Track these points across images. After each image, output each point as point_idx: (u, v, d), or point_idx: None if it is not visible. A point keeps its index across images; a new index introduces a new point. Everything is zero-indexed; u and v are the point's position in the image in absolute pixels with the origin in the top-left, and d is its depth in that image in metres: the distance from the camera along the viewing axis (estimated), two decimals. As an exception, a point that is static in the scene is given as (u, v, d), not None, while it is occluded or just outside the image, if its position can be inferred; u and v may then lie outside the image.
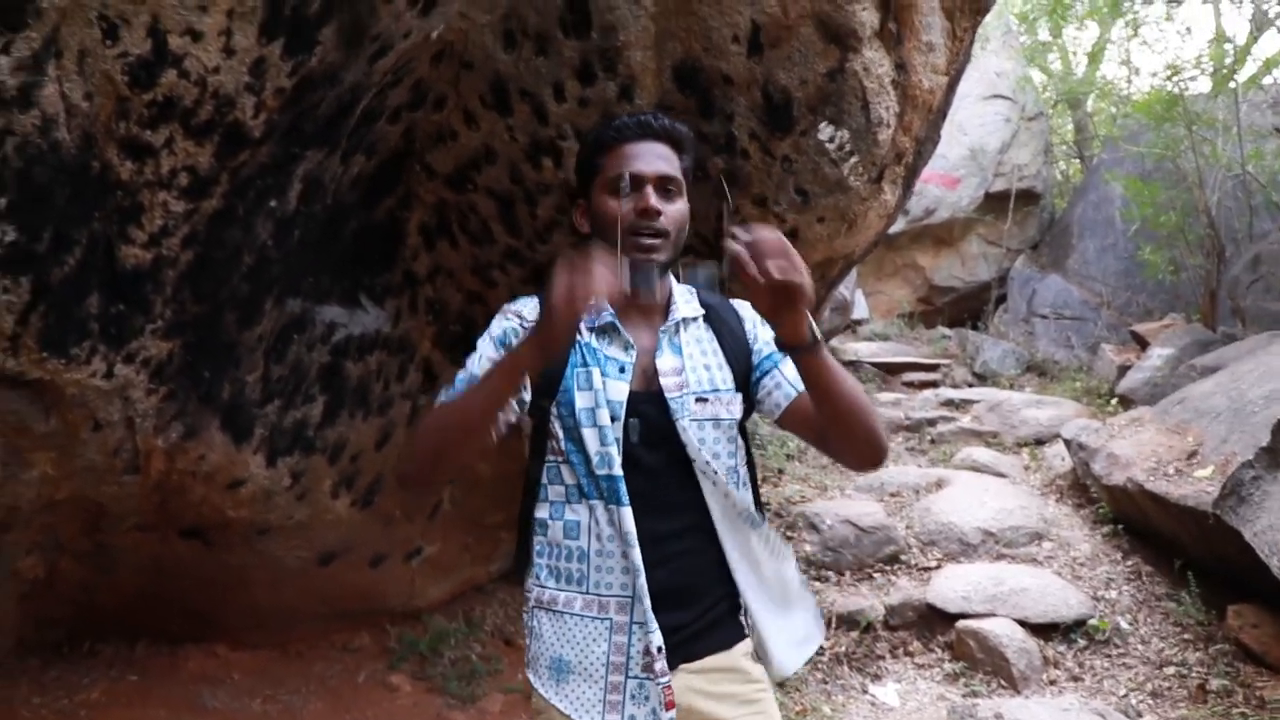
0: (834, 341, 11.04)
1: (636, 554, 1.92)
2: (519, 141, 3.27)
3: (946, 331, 13.18)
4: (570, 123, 3.15)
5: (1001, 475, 7.41)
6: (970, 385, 10.90)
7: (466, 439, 1.91)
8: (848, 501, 6.53)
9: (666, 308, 2.09)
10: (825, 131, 2.99)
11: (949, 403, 9.72)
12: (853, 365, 10.98)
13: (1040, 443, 8.34)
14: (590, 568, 1.97)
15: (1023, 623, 5.06)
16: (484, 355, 2.06)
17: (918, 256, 14.46)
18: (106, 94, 2.36)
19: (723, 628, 2.04)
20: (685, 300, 2.12)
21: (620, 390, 1.97)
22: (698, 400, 2.00)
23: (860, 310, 13.09)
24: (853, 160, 3.05)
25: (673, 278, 2.14)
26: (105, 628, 4.57)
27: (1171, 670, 4.77)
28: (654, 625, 1.91)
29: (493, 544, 5.15)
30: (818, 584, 5.59)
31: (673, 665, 1.95)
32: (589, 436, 1.96)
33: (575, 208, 2.15)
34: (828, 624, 5.24)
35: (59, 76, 2.26)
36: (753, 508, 2.06)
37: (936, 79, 3.12)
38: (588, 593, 1.98)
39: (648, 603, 1.91)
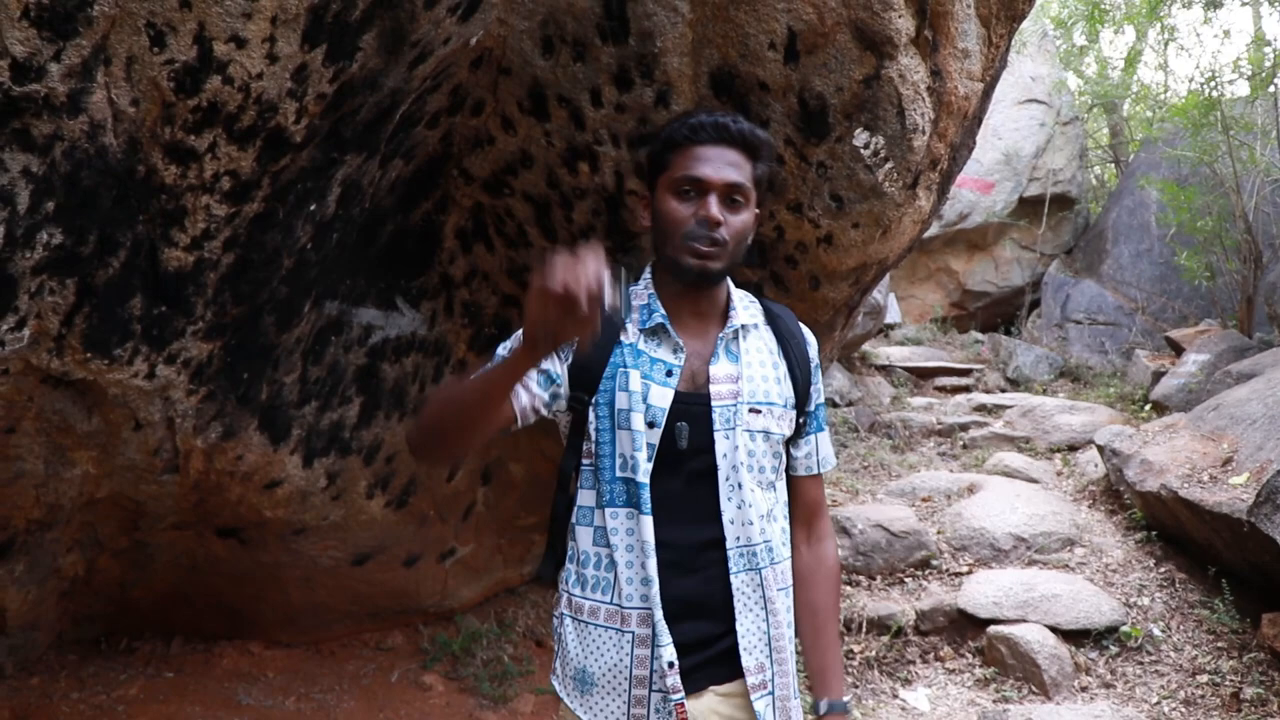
0: (866, 345, 11.03)
1: (653, 564, 1.88)
2: (556, 146, 3.29)
3: (979, 336, 13.13)
4: (607, 128, 3.17)
5: (1034, 481, 7.38)
6: (1003, 390, 10.87)
7: (462, 425, 1.86)
8: (879, 506, 6.53)
9: (725, 312, 2.04)
10: (861, 138, 3.00)
11: (981, 408, 9.70)
12: (885, 369, 10.96)
13: (1073, 448, 8.30)
14: (617, 577, 1.93)
15: (1054, 629, 5.04)
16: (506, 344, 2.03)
17: (951, 261, 14.40)
18: (153, 100, 2.39)
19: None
20: (744, 306, 2.08)
21: (664, 395, 1.93)
22: (751, 410, 1.95)
23: (893, 314, 13.07)
24: (888, 166, 3.05)
25: (730, 281, 2.07)
26: (142, 625, 4.63)
27: (1205, 678, 4.73)
28: (666, 640, 1.86)
29: (525, 546, 5.18)
30: (848, 588, 5.58)
31: (701, 685, 1.92)
32: (623, 439, 1.93)
33: (640, 199, 2.10)
34: (859, 629, 5.24)
35: (107, 83, 2.30)
36: (774, 540, 2.00)
37: (972, 85, 3.12)
38: (612, 603, 1.93)
39: (659, 615, 1.87)
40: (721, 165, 1.93)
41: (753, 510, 1.93)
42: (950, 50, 3.01)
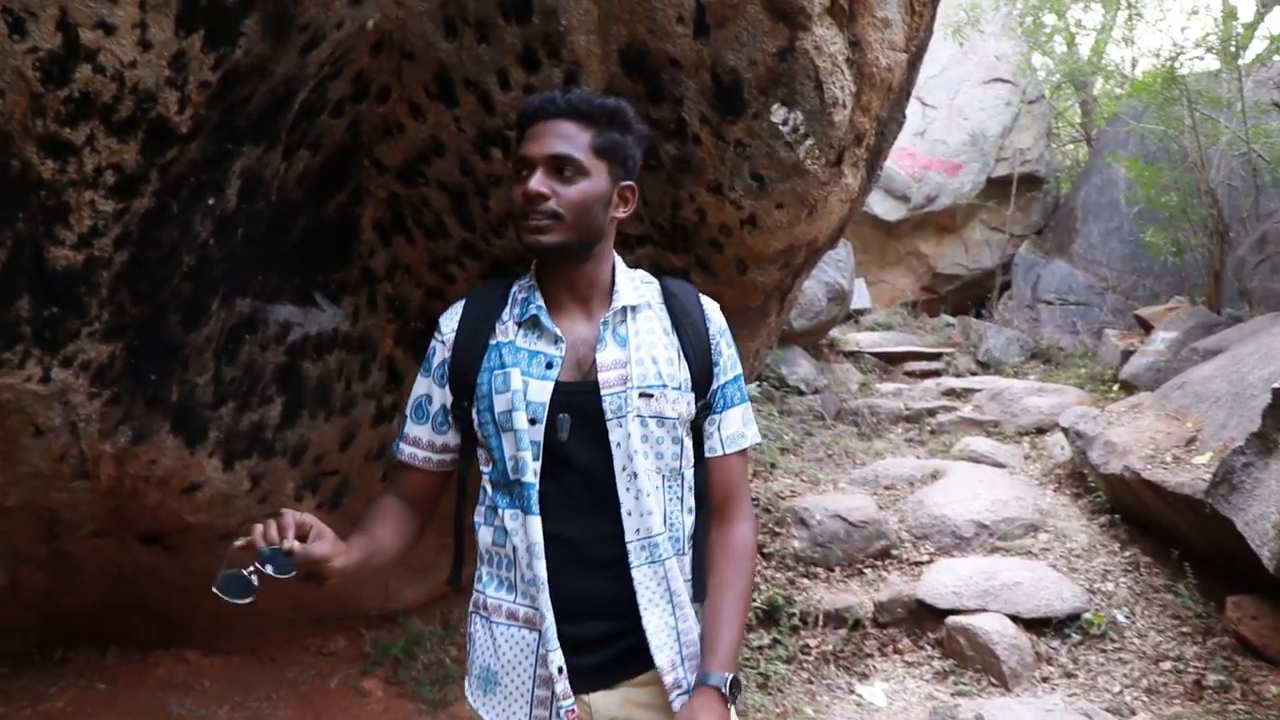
0: (834, 332, 10.92)
1: (541, 566, 1.83)
2: (466, 132, 3.17)
3: (950, 319, 13.07)
4: (517, 111, 3.05)
5: (1000, 465, 7.30)
6: (973, 374, 10.80)
7: None
8: (839, 495, 6.42)
9: (609, 293, 1.99)
10: (778, 114, 2.87)
11: (950, 392, 9.62)
12: (853, 356, 10.85)
13: (1041, 431, 8.23)
14: (518, 577, 1.89)
15: (1015, 618, 4.95)
16: (423, 393, 2.08)
17: (920, 244, 14.32)
18: (19, 91, 2.27)
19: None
20: (632, 286, 2.02)
21: (543, 390, 1.87)
22: (642, 395, 1.88)
23: (862, 300, 12.97)
24: (809, 143, 2.93)
25: (618, 258, 2.05)
26: (76, 635, 4.51)
27: (1168, 665, 4.66)
28: (554, 645, 1.82)
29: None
30: (805, 580, 5.48)
31: (614, 680, 1.89)
32: (508, 441, 1.88)
33: None
34: (815, 622, 5.13)
35: (-34, 73, 2.18)
36: (680, 531, 1.95)
37: (895, 56, 3.00)
38: (515, 602, 1.90)
39: (549, 619, 1.82)
40: (548, 139, 1.90)
41: (651, 500, 1.87)
42: (869, 20, 2.89)
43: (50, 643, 4.50)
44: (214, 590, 1.70)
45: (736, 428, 2.05)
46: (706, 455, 2.03)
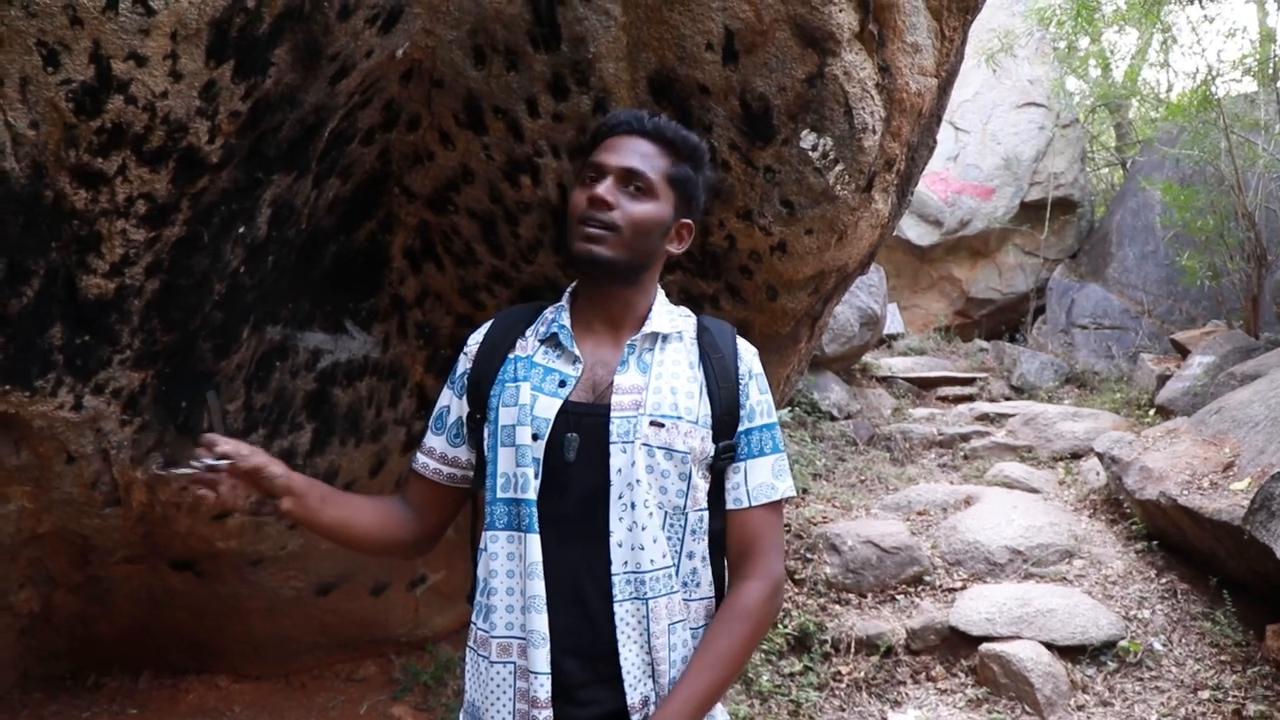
0: (867, 357, 10.87)
1: (538, 585, 1.75)
2: (496, 160, 3.18)
3: (984, 344, 12.96)
4: (546, 139, 3.05)
5: (1034, 491, 7.21)
6: (1007, 399, 10.70)
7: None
8: (871, 521, 6.37)
9: (642, 322, 1.94)
10: (808, 140, 2.87)
11: (984, 417, 9.52)
12: (886, 381, 10.80)
13: (1076, 457, 8.13)
14: (501, 605, 1.82)
15: (1050, 645, 4.87)
16: (445, 404, 2.08)
17: (954, 269, 14.25)
18: (53, 122, 2.29)
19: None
20: (667, 315, 1.97)
21: (550, 406, 1.82)
22: (652, 424, 1.80)
23: (895, 325, 12.91)
24: (838, 169, 2.92)
25: (660, 292, 2.03)
26: (109, 660, 4.53)
27: (1206, 694, 4.56)
28: (541, 668, 1.73)
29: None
30: (837, 607, 5.43)
31: None
32: (504, 457, 1.83)
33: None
34: (847, 649, 5.08)
35: (3, 105, 2.20)
36: (683, 573, 1.84)
37: (925, 81, 2.99)
38: (491, 632, 1.83)
39: (542, 646, 1.74)
40: (626, 152, 1.89)
41: (645, 534, 1.77)
42: (899, 45, 2.88)
43: (84, 668, 4.52)
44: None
45: (765, 478, 1.92)
46: (730, 507, 1.91)
